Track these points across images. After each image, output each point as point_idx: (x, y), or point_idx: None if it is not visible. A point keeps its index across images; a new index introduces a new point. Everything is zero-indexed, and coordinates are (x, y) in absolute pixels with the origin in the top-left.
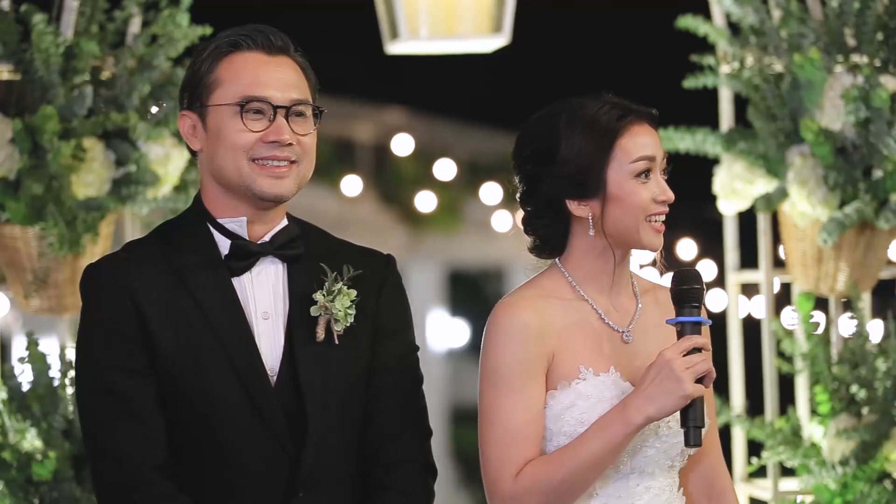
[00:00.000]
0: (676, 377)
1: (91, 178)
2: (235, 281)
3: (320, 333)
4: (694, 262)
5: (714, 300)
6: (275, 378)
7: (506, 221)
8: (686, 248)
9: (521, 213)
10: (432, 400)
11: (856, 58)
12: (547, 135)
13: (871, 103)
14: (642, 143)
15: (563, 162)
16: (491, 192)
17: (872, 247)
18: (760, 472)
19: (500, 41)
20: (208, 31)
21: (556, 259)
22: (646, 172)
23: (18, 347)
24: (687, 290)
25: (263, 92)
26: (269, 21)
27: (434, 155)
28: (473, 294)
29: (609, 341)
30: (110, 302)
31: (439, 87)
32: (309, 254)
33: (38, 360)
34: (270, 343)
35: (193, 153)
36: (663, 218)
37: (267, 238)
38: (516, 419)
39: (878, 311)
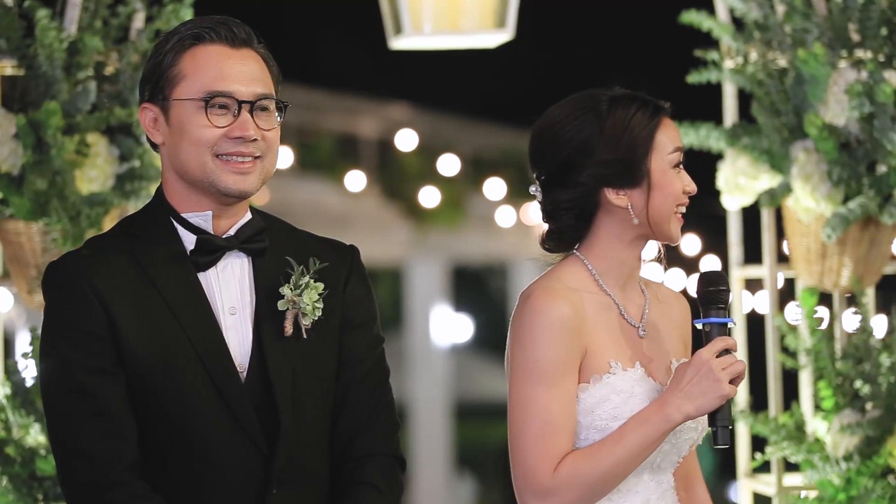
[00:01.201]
0: (715, 377)
1: (95, 173)
2: (201, 276)
3: (288, 328)
4: (698, 258)
5: None
6: (244, 374)
7: (510, 217)
8: (690, 244)
9: (525, 208)
10: (436, 395)
11: (860, 53)
12: (585, 125)
13: (876, 98)
14: (674, 136)
15: (606, 151)
16: (495, 187)
17: (876, 242)
18: (764, 468)
19: (503, 36)
20: None
21: (576, 251)
22: (679, 164)
23: (22, 343)
24: (715, 293)
25: (228, 87)
26: (271, 16)
27: (438, 150)
28: (477, 289)
29: (628, 336)
30: (75, 300)
31: (443, 83)
32: (274, 247)
33: None
34: (239, 338)
35: (155, 146)
36: (685, 209)
37: (232, 232)
38: (555, 413)
39: (881, 307)
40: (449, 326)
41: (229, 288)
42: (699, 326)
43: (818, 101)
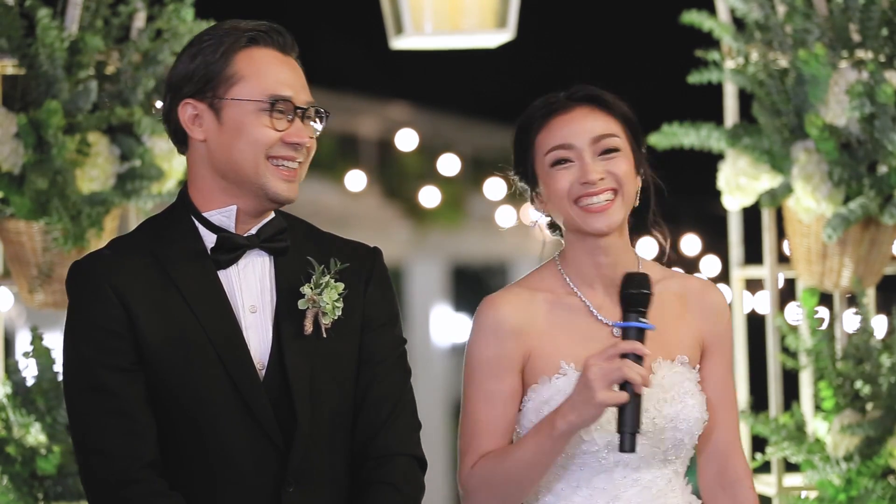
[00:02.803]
0: (588, 384)
1: (96, 172)
2: (222, 274)
3: (308, 326)
4: (698, 258)
5: None
6: (263, 371)
7: (510, 216)
8: (690, 244)
9: (525, 208)
10: (435, 395)
11: (860, 53)
12: (516, 129)
13: (876, 99)
14: (557, 134)
15: (514, 166)
16: (495, 187)
17: (877, 242)
18: (765, 468)
19: (504, 36)
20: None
21: (556, 254)
22: (563, 160)
23: (23, 342)
24: (635, 295)
25: (288, 92)
26: (273, 16)
27: (438, 150)
28: (477, 289)
29: (595, 336)
30: (96, 299)
31: (443, 82)
32: (296, 247)
33: (42, 355)
34: (258, 336)
35: (181, 143)
36: (601, 198)
37: (253, 231)
38: (480, 412)
39: (882, 307)
40: (449, 326)
41: (250, 286)
42: (615, 332)
43: (819, 102)
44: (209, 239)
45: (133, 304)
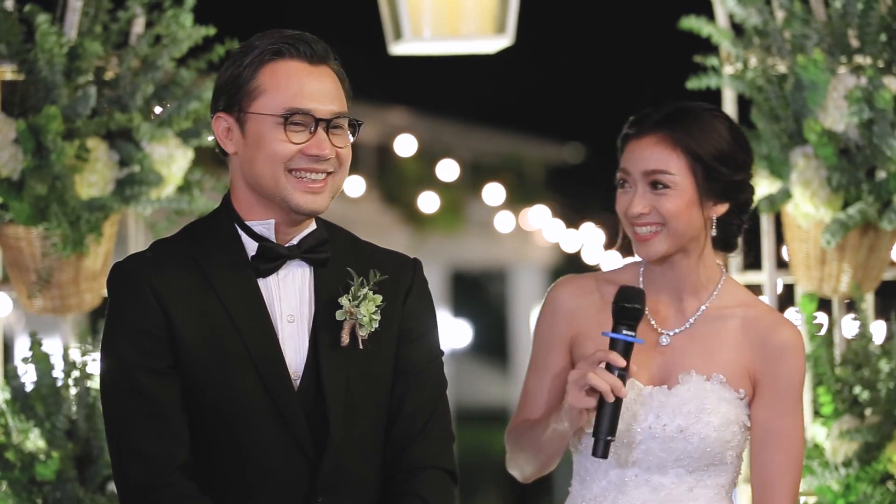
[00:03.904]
0: (566, 389)
1: (94, 178)
2: (261, 283)
3: (345, 338)
4: None
5: None
6: (298, 381)
7: (508, 222)
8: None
9: (523, 214)
10: None
11: (859, 59)
12: None
13: (875, 104)
14: (626, 157)
15: None
16: (494, 192)
17: (876, 248)
18: None
19: (503, 42)
20: (212, 31)
21: None
22: (623, 182)
23: (22, 347)
24: (627, 309)
25: (307, 104)
26: (271, 22)
27: (437, 155)
28: (476, 294)
29: (643, 339)
30: (136, 301)
31: (442, 88)
32: (336, 257)
33: (41, 361)
34: (295, 346)
35: (224, 154)
36: (644, 230)
37: (295, 241)
38: (529, 380)
39: (881, 313)
40: (448, 332)
41: (289, 296)
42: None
43: (817, 107)
44: (251, 247)
45: (172, 308)
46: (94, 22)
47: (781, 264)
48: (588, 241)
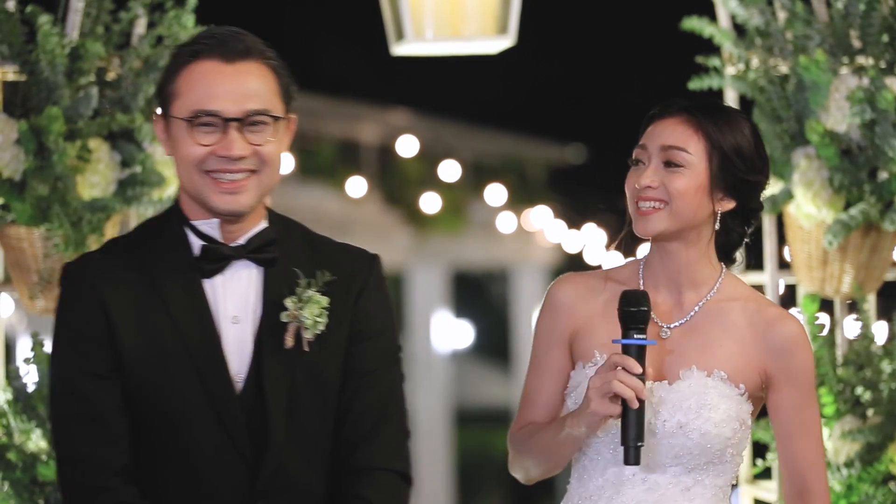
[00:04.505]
0: (587, 393)
1: (96, 178)
2: (206, 283)
3: (289, 340)
4: None
5: None
6: (241, 384)
7: (510, 222)
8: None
9: (525, 214)
10: (436, 401)
11: (861, 59)
12: None
13: (877, 105)
14: (645, 133)
15: None
16: (496, 193)
17: (878, 248)
18: (766, 474)
19: (505, 43)
20: None
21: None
22: (637, 161)
23: (24, 348)
24: (634, 313)
25: (214, 105)
26: (272, 22)
27: (439, 156)
28: (478, 295)
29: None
30: (78, 305)
31: (444, 89)
32: (288, 256)
33: (43, 361)
34: (239, 348)
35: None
36: (647, 204)
37: (242, 241)
38: (530, 380)
39: (883, 313)
40: (450, 332)
41: (234, 297)
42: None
43: (819, 108)
44: (198, 247)
45: (114, 310)
46: (96, 23)
47: (783, 265)
48: (590, 241)
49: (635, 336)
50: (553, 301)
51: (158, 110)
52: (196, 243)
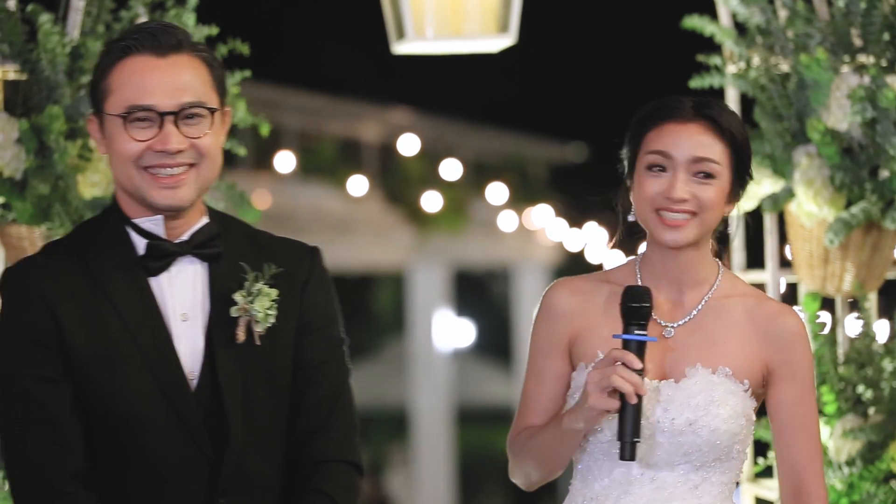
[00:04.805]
0: (585, 388)
1: (97, 177)
2: (153, 281)
3: (240, 335)
4: None
5: None
6: (195, 381)
7: (512, 221)
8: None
9: (527, 213)
10: (437, 399)
11: (862, 58)
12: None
13: (878, 103)
14: (662, 140)
15: (624, 148)
16: (497, 191)
17: (879, 247)
18: (767, 473)
19: (506, 41)
20: (214, 30)
21: (641, 252)
22: (659, 167)
23: None
24: (636, 308)
25: (149, 99)
26: (274, 21)
27: (440, 155)
28: (479, 294)
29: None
30: (24, 308)
31: (445, 88)
32: (231, 251)
33: None
34: (190, 345)
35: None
36: (678, 216)
37: (185, 237)
38: (528, 386)
39: (884, 312)
40: (451, 331)
41: (182, 294)
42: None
43: (820, 106)
44: (140, 245)
45: (61, 312)
46: (97, 21)
47: (784, 263)
48: (591, 240)
49: (636, 332)
50: (550, 307)
51: (90, 110)
52: (139, 241)
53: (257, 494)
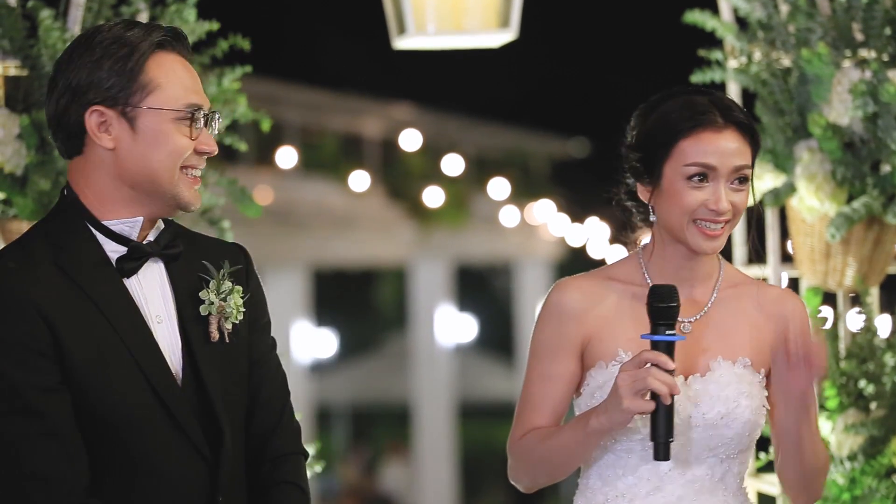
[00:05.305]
0: (617, 391)
1: None
2: (126, 283)
3: (215, 333)
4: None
5: None
6: (179, 383)
7: (513, 216)
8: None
9: (528, 208)
10: (439, 395)
11: (863, 52)
12: (639, 119)
13: (879, 98)
14: (703, 150)
15: (636, 146)
16: (499, 187)
17: (880, 241)
18: (769, 467)
19: (507, 36)
20: (215, 26)
21: (640, 248)
22: (700, 176)
23: None
24: (664, 309)
25: (200, 100)
26: (275, 17)
27: (442, 150)
28: (481, 289)
29: None
30: (15, 317)
31: (447, 83)
32: (183, 251)
33: None
34: (170, 346)
35: (74, 147)
36: (718, 226)
37: (151, 238)
38: (534, 388)
39: (886, 306)
40: (453, 326)
41: (154, 295)
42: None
43: (822, 101)
44: (109, 247)
45: (55, 319)
46: (98, 17)
47: (786, 258)
48: (593, 235)
49: (666, 332)
50: (560, 308)
51: (93, 99)
52: (107, 243)
53: (242, 489)
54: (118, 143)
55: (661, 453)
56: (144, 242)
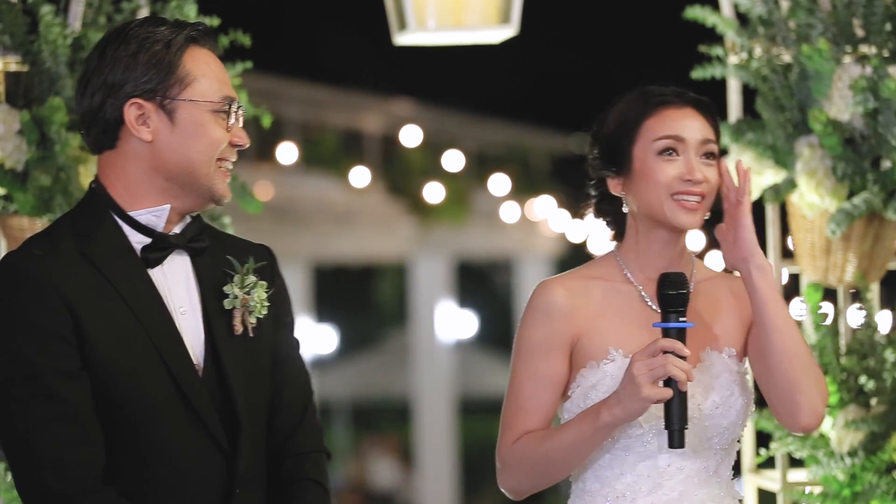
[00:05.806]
0: (634, 381)
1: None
2: (151, 273)
3: (238, 326)
4: (703, 254)
5: None
6: (200, 373)
7: (514, 212)
8: (694, 239)
9: (529, 204)
10: (440, 391)
11: (864, 48)
12: (595, 127)
13: (880, 94)
14: (669, 124)
15: (601, 140)
16: (499, 182)
17: (881, 237)
18: (769, 464)
19: (508, 32)
20: (216, 21)
21: (615, 247)
22: (670, 150)
23: None
24: (674, 296)
25: (232, 93)
26: (275, 12)
27: (442, 146)
28: (481, 285)
29: (649, 324)
30: (38, 302)
31: (447, 79)
32: (209, 246)
33: None
34: (193, 338)
35: (109, 140)
36: (695, 199)
37: (177, 230)
38: (525, 390)
39: (886, 302)
40: (453, 322)
41: (178, 287)
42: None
43: (822, 97)
44: (134, 238)
45: (77, 306)
46: (98, 13)
47: (786, 254)
48: (594, 231)
49: (680, 320)
50: (548, 307)
51: (130, 92)
52: (133, 234)
53: (261, 483)
54: (156, 136)
55: (677, 441)
56: (172, 234)
